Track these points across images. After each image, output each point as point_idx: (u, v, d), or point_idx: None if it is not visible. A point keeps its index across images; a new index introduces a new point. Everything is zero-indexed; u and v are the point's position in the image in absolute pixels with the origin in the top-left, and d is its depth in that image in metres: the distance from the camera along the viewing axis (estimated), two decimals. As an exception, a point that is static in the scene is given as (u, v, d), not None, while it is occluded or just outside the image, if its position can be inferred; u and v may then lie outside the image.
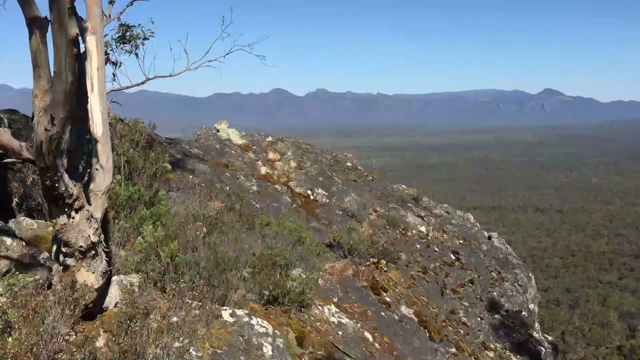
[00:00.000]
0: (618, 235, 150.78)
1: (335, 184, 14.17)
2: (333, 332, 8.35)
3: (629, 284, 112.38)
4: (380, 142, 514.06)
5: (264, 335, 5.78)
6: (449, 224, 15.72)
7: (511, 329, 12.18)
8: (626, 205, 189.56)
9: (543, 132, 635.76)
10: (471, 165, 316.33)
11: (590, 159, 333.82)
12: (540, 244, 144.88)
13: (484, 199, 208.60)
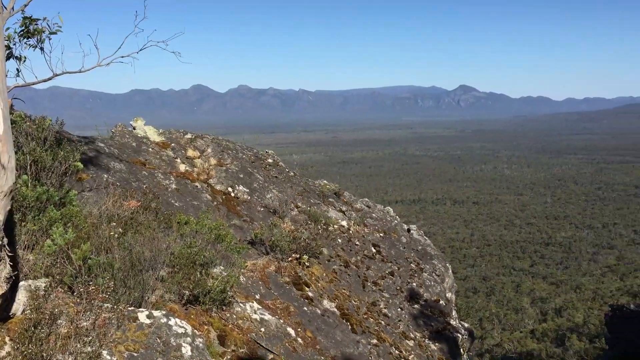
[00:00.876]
0: (529, 224, 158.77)
1: (256, 180, 14.08)
2: (255, 329, 8.30)
3: (540, 271, 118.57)
4: (303, 138, 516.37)
5: (183, 335, 5.66)
6: (370, 218, 15.98)
7: (430, 318, 12.54)
8: (536, 196, 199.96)
9: (459, 127, 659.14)
10: (392, 160, 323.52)
11: (503, 152, 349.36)
12: (458, 235, 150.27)
13: (404, 193, 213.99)
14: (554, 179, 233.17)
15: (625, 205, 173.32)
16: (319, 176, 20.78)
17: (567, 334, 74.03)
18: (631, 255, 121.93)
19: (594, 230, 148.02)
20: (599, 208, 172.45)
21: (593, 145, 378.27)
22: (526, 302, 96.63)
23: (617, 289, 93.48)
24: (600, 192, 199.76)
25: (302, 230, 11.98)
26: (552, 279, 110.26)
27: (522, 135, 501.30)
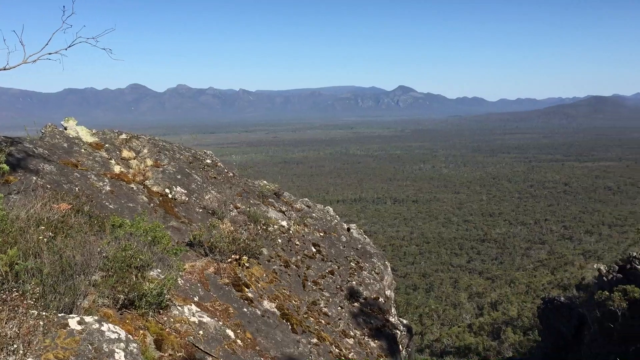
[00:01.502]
0: (466, 221, 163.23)
1: (194, 181, 13.87)
2: (194, 332, 8.17)
3: (477, 266, 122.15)
4: (244, 138, 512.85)
5: (116, 341, 5.52)
6: (310, 218, 16.02)
7: (369, 316, 12.69)
8: (472, 194, 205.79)
9: (398, 126, 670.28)
10: (333, 160, 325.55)
11: (440, 151, 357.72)
12: (398, 233, 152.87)
13: (345, 192, 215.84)
14: (489, 177, 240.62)
15: (555, 202, 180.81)
16: (259, 176, 20.68)
17: (503, 327, 76.44)
18: (561, 250, 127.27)
19: (526, 226, 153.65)
20: (531, 205, 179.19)
21: (525, 144, 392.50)
22: (464, 297, 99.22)
23: (548, 283, 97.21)
24: (533, 189, 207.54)
25: (242, 231, 11.89)
26: (487, 274, 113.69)
27: (458, 134, 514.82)
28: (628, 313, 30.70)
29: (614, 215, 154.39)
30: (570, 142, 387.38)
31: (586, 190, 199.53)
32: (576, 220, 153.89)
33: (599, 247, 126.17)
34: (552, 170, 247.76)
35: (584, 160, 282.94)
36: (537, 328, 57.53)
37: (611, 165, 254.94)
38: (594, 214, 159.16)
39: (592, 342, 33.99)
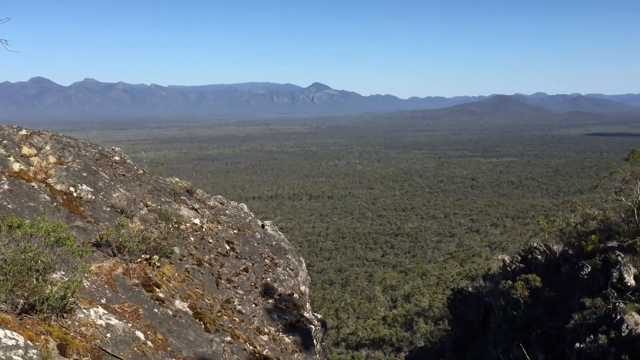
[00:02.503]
0: (380, 216, 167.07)
1: (101, 179, 13.35)
2: (101, 335, 7.89)
3: (390, 260, 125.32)
4: (157, 134, 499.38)
5: (14, 347, 5.24)
6: (224, 215, 15.85)
7: (284, 312, 12.73)
8: (386, 189, 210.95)
9: (314, 123, 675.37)
10: (249, 156, 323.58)
11: (355, 148, 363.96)
12: (314, 229, 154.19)
13: (262, 189, 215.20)
14: (401, 173, 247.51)
15: (463, 197, 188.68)
16: (172, 174, 20.23)
17: (415, 318, 79.05)
18: (469, 242, 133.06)
19: (437, 220, 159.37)
20: (441, 199, 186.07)
21: (435, 141, 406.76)
22: (378, 290, 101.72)
23: (457, 274, 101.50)
24: (442, 184, 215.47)
25: (152, 230, 11.59)
26: (401, 268, 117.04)
27: (372, 131, 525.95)
28: (529, 301, 32.52)
29: (516, 208, 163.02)
30: (476, 139, 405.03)
31: (491, 184, 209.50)
32: (482, 214, 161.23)
33: (503, 238, 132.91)
34: (460, 166, 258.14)
35: (489, 156, 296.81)
36: (447, 318, 59.97)
37: (514, 161, 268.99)
38: (499, 207, 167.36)
39: (497, 329, 35.74)
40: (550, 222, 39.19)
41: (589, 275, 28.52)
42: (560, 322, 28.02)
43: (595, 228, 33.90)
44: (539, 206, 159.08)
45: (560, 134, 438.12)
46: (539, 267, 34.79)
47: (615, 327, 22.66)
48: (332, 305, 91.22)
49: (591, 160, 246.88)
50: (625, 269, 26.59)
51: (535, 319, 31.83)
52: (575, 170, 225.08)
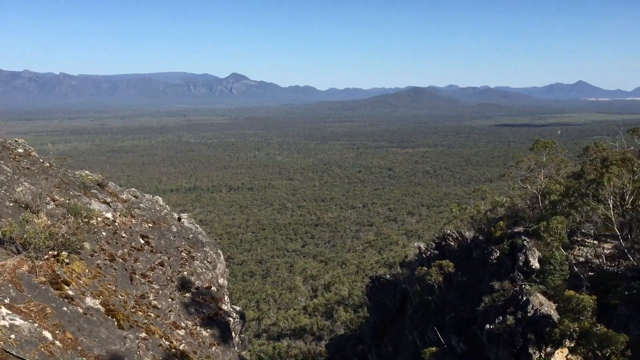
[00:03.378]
0: (300, 207, 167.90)
1: (3, 172, 12.61)
2: (4, 336, 7.49)
3: (311, 250, 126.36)
4: (67, 126, 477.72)
5: None
6: (137, 208, 15.40)
7: (202, 305, 12.55)
8: (306, 180, 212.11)
9: (232, 114, 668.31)
10: (166, 148, 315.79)
11: (274, 139, 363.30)
12: (234, 221, 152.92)
13: (179, 181, 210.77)
14: (320, 163, 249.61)
15: (381, 186, 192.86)
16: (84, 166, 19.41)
17: (335, 307, 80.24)
18: (387, 231, 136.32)
19: (356, 209, 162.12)
20: (360, 189, 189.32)
21: (353, 131, 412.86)
22: (299, 280, 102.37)
23: (375, 262, 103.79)
24: (361, 174, 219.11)
25: (60, 225, 11.08)
26: (321, 257, 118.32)
27: (291, 122, 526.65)
28: (444, 286, 33.75)
29: (431, 197, 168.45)
30: (393, 130, 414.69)
31: (407, 174, 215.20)
32: (399, 203, 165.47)
33: (419, 226, 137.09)
34: (377, 156, 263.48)
35: (405, 146, 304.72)
36: (366, 305, 61.21)
37: (428, 151, 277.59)
38: (415, 196, 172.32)
39: (414, 314, 36.87)
40: (463, 209, 40.74)
41: (498, 260, 29.92)
42: (471, 305, 29.25)
43: (504, 214, 35.61)
44: (452, 195, 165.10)
45: (471, 124, 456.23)
46: (452, 253, 36.15)
47: (521, 308, 23.89)
48: (253, 296, 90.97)
49: (499, 150, 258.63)
50: (530, 252, 28.08)
51: (449, 303, 33.08)
52: (485, 159, 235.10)
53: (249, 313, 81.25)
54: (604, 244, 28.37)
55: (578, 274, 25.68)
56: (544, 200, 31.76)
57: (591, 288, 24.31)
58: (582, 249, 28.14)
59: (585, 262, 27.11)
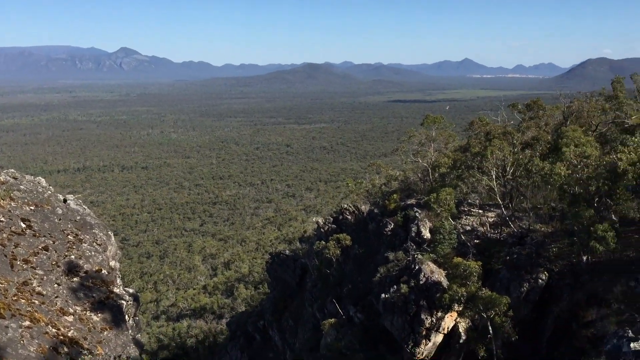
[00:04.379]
0: (198, 185, 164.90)
1: None
2: None
3: (209, 229, 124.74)
4: None
5: None
6: (17, 190, 14.37)
7: (91, 289, 12.00)
8: (202, 158, 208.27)
9: (123, 90, 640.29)
10: (51, 127, 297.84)
11: (169, 116, 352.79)
12: (129, 201, 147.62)
13: (67, 161, 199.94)
14: (217, 141, 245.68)
15: (279, 163, 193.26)
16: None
17: (236, 284, 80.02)
18: (286, 207, 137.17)
19: (254, 187, 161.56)
20: (258, 166, 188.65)
21: (250, 108, 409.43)
22: (198, 260, 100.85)
23: (275, 238, 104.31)
24: (259, 151, 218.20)
25: None
26: (220, 236, 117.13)
27: (186, 99, 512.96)
28: (341, 259, 34.60)
29: (328, 172, 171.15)
30: (290, 106, 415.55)
31: (305, 150, 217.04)
32: (298, 179, 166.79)
33: (317, 202, 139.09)
34: (275, 133, 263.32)
35: (302, 122, 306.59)
36: (266, 281, 61.52)
37: (325, 127, 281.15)
38: (313, 172, 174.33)
39: (313, 287, 37.58)
40: (358, 184, 41.73)
41: (392, 231, 31.03)
42: (368, 277, 30.20)
43: (397, 188, 36.89)
44: (349, 170, 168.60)
45: (366, 101, 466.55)
46: (349, 227, 37.05)
47: (414, 277, 24.95)
48: (150, 278, 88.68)
49: (393, 126, 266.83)
50: (422, 223, 29.33)
51: (347, 275, 33.98)
52: (380, 134, 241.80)
53: (146, 295, 79.19)
54: (488, 213, 30.17)
55: (465, 242, 27.17)
56: (434, 173, 33.22)
57: (477, 254, 25.82)
58: (469, 218, 29.76)
59: (472, 230, 28.73)
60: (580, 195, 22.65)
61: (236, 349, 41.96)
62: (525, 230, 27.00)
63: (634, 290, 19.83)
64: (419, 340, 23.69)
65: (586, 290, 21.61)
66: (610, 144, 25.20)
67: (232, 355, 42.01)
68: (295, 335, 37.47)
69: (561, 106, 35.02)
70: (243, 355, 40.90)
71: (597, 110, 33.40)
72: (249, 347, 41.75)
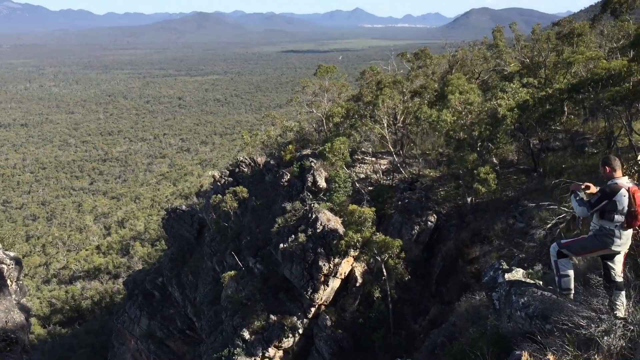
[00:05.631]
0: (85, 142, 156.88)
1: None
2: None
3: (100, 187, 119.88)
4: None
5: None
6: None
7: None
8: (88, 113, 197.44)
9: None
10: None
11: (48, 69, 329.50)
12: (8, 161, 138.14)
13: None
14: (104, 94, 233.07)
15: (172, 116, 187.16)
16: None
17: (131, 243, 78.05)
18: (181, 162, 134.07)
19: (147, 142, 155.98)
20: (149, 121, 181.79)
21: (138, 59, 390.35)
22: (89, 219, 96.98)
23: (171, 194, 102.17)
24: (149, 105, 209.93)
25: None
26: (112, 194, 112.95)
27: (66, 50, 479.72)
28: (239, 211, 34.56)
29: (223, 125, 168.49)
30: (180, 57, 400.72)
31: (198, 103, 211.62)
32: (192, 133, 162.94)
33: (213, 155, 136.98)
34: (166, 85, 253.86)
35: (194, 74, 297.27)
36: (163, 238, 60.47)
37: (218, 79, 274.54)
38: (207, 125, 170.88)
39: (211, 241, 37.41)
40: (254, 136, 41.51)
41: (289, 182, 31.35)
42: (266, 228, 30.50)
43: (293, 139, 37.09)
44: (244, 122, 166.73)
45: (259, 51, 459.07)
46: (246, 179, 36.98)
47: (311, 225, 25.51)
48: (37, 241, 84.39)
49: (287, 76, 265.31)
50: (317, 173, 29.83)
51: (245, 227, 34.11)
52: (274, 85, 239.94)
53: (34, 259, 75.57)
54: (380, 160, 31.18)
55: (360, 189, 28.03)
56: (328, 123, 33.67)
57: (371, 201, 26.77)
58: (363, 166, 30.64)
59: (366, 178, 29.63)
60: (465, 141, 23.92)
61: (135, 308, 41.26)
62: (416, 176, 28.25)
63: (512, 227, 21.47)
64: (318, 286, 24.48)
65: (470, 230, 23.15)
66: (491, 90, 26.61)
67: (131, 313, 41.30)
68: (196, 289, 37.40)
69: (447, 55, 36.43)
70: (142, 313, 40.32)
71: (480, 58, 35.13)
72: (148, 304, 41.18)
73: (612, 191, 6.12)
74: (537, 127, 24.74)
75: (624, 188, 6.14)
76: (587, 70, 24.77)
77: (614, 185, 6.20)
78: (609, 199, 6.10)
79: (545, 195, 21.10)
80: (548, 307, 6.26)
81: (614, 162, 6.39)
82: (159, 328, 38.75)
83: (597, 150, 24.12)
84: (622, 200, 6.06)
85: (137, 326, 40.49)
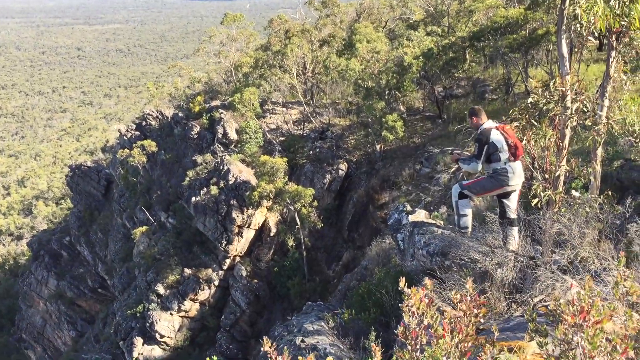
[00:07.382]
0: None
1: None
2: None
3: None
4: None
5: None
6: None
7: None
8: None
9: None
10: None
11: None
12: None
13: None
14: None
15: (71, 68, 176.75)
16: None
17: (34, 202, 74.42)
18: (83, 116, 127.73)
19: (44, 96, 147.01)
20: (47, 73, 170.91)
21: (30, 7, 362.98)
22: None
23: (75, 150, 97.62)
24: (45, 56, 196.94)
25: None
26: (9, 152, 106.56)
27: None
28: (148, 166, 33.68)
29: (128, 77, 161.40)
30: (77, 5, 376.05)
31: (99, 54, 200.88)
32: (94, 85, 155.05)
33: (118, 109, 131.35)
34: (63, 35, 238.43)
35: (93, 23, 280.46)
36: (68, 196, 58.02)
37: (120, 28, 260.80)
38: (110, 78, 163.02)
39: (120, 197, 36.38)
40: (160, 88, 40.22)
41: (198, 135, 30.79)
42: (177, 181, 29.98)
43: (201, 90, 36.23)
44: (149, 73, 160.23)
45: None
46: (154, 133, 35.95)
47: (223, 178, 25.35)
48: None
49: (193, 25, 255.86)
50: (227, 124, 29.45)
51: (155, 182, 33.36)
52: (180, 35, 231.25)
53: None
54: (291, 110, 31.17)
55: (271, 139, 27.99)
56: (237, 73, 33.10)
57: (283, 151, 26.85)
58: (273, 117, 30.54)
59: (277, 128, 29.59)
60: (373, 89, 24.31)
61: (42, 269, 39.75)
62: (326, 125, 28.53)
63: (419, 173, 22.31)
64: (232, 238, 24.56)
65: (380, 176, 23.84)
66: (398, 39, 27.02)
67: (37, 275, 39.80)
68: (106, 247, 36.50)
69: (354, 4, 36.43)
70: (50, 274, 38.96)
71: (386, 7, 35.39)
72: (55, 265, 39.79)
73: (486, 135, 6.59)
74: (442, 75, 25.52)
75: (493, 128, 6.63)
76: (487, 18, 25.63)
77: (484, 130, 6.69)
78: (487, 142, 6.55)
79: (449, 140, 22.00)
80: (447, 244, 6.66)
81: (478, 111, 6.90)
82: (68, 288, 37.66)
83: (497, 97, 25.27)
84: (498, 139, 6.55)
85: (45, 287, 39.18)
